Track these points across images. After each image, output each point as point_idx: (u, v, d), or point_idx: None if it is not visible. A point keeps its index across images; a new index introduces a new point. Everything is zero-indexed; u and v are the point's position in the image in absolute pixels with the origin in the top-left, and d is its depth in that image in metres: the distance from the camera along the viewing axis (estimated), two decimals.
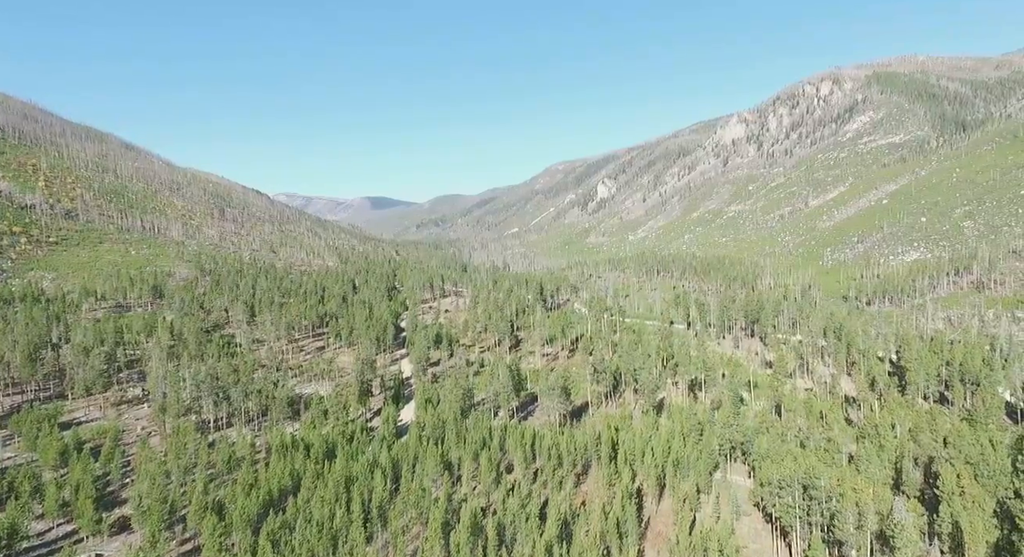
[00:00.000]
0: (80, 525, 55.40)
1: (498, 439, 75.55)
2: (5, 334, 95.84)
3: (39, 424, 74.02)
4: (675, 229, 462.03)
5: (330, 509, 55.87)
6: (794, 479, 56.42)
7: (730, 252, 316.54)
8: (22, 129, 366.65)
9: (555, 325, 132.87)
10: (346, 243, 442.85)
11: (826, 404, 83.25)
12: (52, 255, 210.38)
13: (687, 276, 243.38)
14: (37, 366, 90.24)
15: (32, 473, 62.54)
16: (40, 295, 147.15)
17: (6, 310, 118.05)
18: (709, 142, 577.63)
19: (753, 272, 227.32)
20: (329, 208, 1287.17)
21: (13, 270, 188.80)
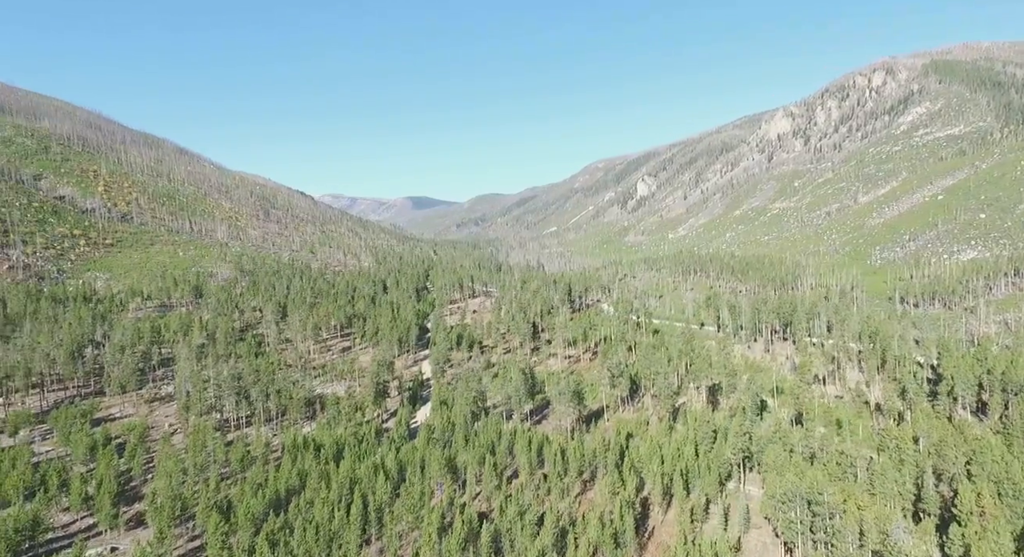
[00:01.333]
0: (99, 519, 58.56)
1: (506, 443, 75.53)
2: (52, 333, 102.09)
3: (74, 420, 78.71)
4: (716, 227, 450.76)
5: (330, 511, 57.18)
6: (796, 493, 54.09)
7: (772, 251, 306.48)
8: (86, 137, 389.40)
9: (577, 327, 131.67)
10: (385, 243, 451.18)
11: (851, 413, 79.43)
12: (107, 256, 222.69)
13: (724, 276, 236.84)
14: (78, 364, 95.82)
15: (62, 467, 66.58)
16: (91, 295, 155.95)
17: (58, 309, 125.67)
18: (753, 137, 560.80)
19: (794, 272, 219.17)
20: (373, 208, 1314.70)
21: (72, 271, 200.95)
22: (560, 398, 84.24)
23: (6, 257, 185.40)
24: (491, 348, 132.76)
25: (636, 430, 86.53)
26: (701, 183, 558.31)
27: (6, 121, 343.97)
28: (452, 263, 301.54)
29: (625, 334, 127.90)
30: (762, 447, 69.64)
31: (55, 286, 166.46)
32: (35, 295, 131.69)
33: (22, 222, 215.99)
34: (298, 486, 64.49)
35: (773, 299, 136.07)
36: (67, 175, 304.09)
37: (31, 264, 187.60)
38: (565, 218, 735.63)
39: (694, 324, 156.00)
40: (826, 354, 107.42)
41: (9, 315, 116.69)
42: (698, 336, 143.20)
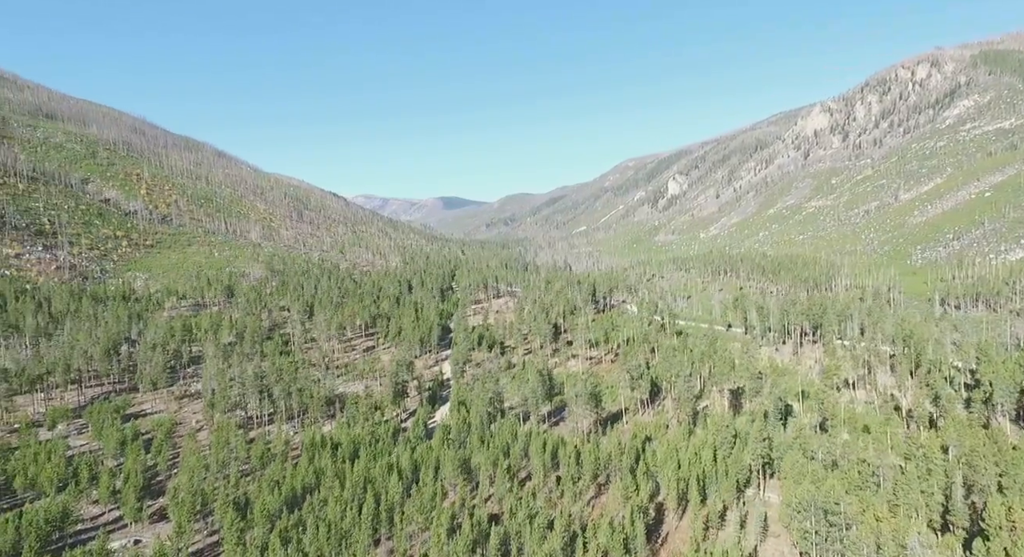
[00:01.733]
0: (124, 512, 60.85)
1: (521, 445, 75.42)
2: (90, 331, 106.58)
3: (107, 415, 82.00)
4: (749, 226, 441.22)
5: (342, 510, 58.09)
6: (812, 502, 52.35)
7: (806, 251, 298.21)
8: (131, 142, 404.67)
9: (599, 328, 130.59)
10: (414, 243, 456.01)
11: (879, 419, 76.57)
12: (147, 257, 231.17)
13: (755, 277, 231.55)
14: (113, 361, 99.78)
15: (94, 461, 69.46)
16: (130, 294, 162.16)
17: (98, 308, 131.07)
18: (788, 134, 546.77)
19: (828, 272, 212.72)
20: (404, 209, 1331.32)
21: (114, 271, 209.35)
22: (576, 400, 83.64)
23: (54, 258, 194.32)
24: (512, 349, 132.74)
25: (655, 433, 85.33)
26: (734, 181, 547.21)
27: (58, 128, 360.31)
28: (478, 263, 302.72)
29: (648, 335, 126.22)
30: (782, 453, 67.75)
31: (97, 286, 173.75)
32: (77, 294, 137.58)
33: (70, 224, 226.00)
34: (314, 484, 65.74)
35: (803, 300, 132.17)
36: (112, 179, 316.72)
37: (76, 264, 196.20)
38: (595, 217, 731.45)
39: (721, 326, 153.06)
40: (856, 357, 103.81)
41: (53, 313, 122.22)
42: (725, 338, 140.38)
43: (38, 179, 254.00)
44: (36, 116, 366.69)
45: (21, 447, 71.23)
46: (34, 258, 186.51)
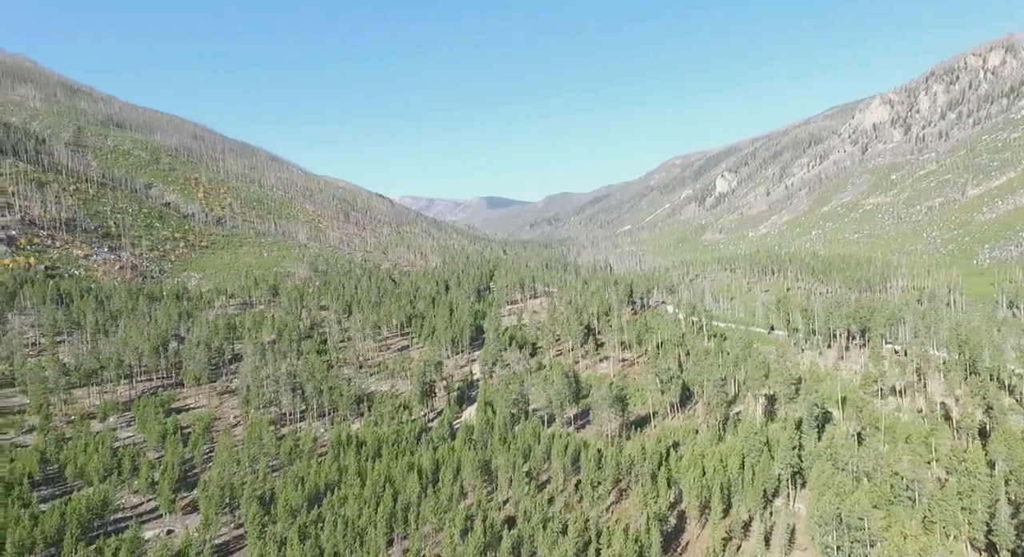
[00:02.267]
0: (159, 503, 64.14)
1: (543, 448, 75.07)
2: (142, 328, 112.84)
3: (153, 409, 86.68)
4: (801, 225, 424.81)
5: (360, 508, 59.34)
6: (833, 516, 49.72)
7: (861, 250, 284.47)
8: (191, 148, 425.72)
9: (632, 329, 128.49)
10: (456, 243, 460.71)
11: (923, 429, 71.96)
12: (202, 257, 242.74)
13: (803, 277, 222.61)
14: (161, 357, 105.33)
15: (136, 452, 73.55)
16: (183, 293, 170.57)
17: (152, 307, 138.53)
18: (845, 128, 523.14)
19: (883, 273, 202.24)
20: (449, 209, 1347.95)
21: (171, 270, 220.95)
22: (601, 403, 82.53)
23: (118, 258, 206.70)
24: (544, 350, 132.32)
25: (683, 439, 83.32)
26: (786, 178, 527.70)
27: (126, 136, 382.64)
28: (517, 263, 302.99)
29: (683, 338, 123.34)
30: (810, 463, 64.78)
31: (154, 285, 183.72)
32: (135, 293, 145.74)
33: (133, 226, 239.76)
34: (336, 481, 67.40)
35: (850, 302, 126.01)
36: (173, 183, 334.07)
37: (137, 264, 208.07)
38: (640, 216, 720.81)
39: (762, 328, 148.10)
40: (903, 363, 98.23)
41: (112, 311, 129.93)
42: (766, 341, 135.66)
43: (106, 184, 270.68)
44: (107, 125, 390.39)
45: (74, 438, 76.17)
46: (100, 259, 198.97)
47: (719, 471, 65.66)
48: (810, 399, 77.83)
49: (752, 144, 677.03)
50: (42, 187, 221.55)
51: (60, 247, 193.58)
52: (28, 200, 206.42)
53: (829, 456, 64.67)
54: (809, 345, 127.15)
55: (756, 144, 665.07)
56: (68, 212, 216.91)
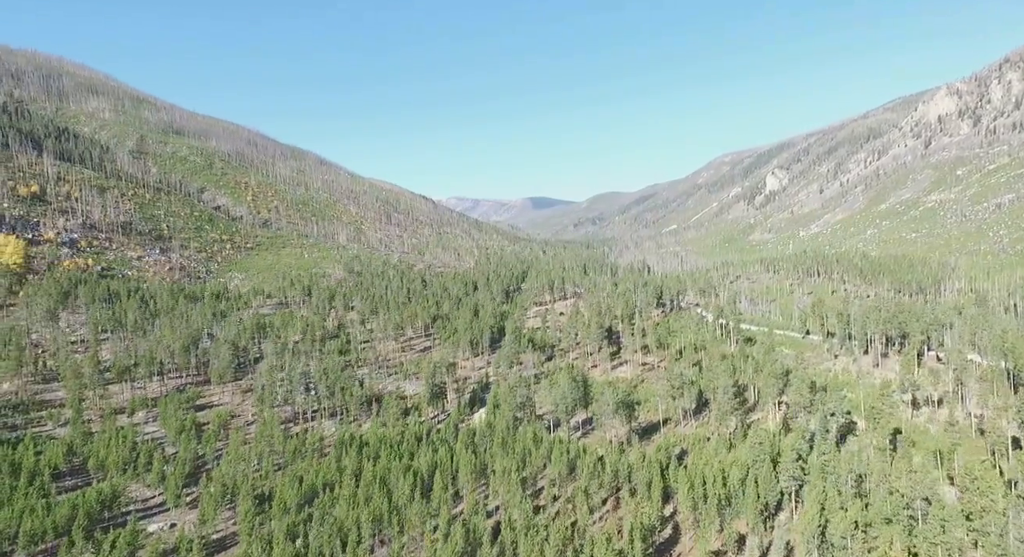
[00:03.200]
0: (166, 497, 67.14)
1: (543, 453, 74.22)
2: (175, 328, 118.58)
3: (177, 405, 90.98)
4: (856, 223, 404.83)
5: (349, 508, 60.25)
6: (814, 534, 46.68)
7: (918, 250, 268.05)
8: (243, 153, 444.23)
9: (654, 333, 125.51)
10: (496, 244, 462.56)
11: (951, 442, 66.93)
12: (246, 258, 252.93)
13: (851, 279, 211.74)
14: (191, 355, 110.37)
15: (155, 447, 77.32)
16: (223, 293, 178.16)
17: (189, 306, 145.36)
18: (906, 121, 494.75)
19: (937, 274, 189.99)
20: (494, 209, 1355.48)
21: (217, 271, 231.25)
22: (605, 408, 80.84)
23: (168, 259, 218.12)
24: (564, 352, 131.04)
25: (692, 447, 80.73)
26: (840, 175, 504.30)
27: (183, 142, 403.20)
28: (550, 264, 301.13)
29: (705, 341, 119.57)
30: (809, 477, 61.23)
31: (198, 285, 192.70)
32: (176, 293, 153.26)
33: (184, 229, 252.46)
34: (335, 481, 68.67)
35: (889, 306, 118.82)
36: (224, 187, 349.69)
37: (185, 265, 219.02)
38: (686, 216, 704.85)
39: (797, 332, 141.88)
40: (934, 372, 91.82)
41: (153, 311, 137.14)
42: (799, 346, 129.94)
43: (162, 189, 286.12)
44: (167, 133, 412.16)
45: (99, 432, 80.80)
46: (152, 260, 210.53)
47: (718, 482, 63.10)
48: (824, 409, 73.81)
49: (806, 140, 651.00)
50: (103, 192, 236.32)
51: (116, 249, 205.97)
52: (90, 205, 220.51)
53: (830, 470, 60.96)
54: (844, 350, 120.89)
55: (810, 140, 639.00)
56: (125, 216, 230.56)
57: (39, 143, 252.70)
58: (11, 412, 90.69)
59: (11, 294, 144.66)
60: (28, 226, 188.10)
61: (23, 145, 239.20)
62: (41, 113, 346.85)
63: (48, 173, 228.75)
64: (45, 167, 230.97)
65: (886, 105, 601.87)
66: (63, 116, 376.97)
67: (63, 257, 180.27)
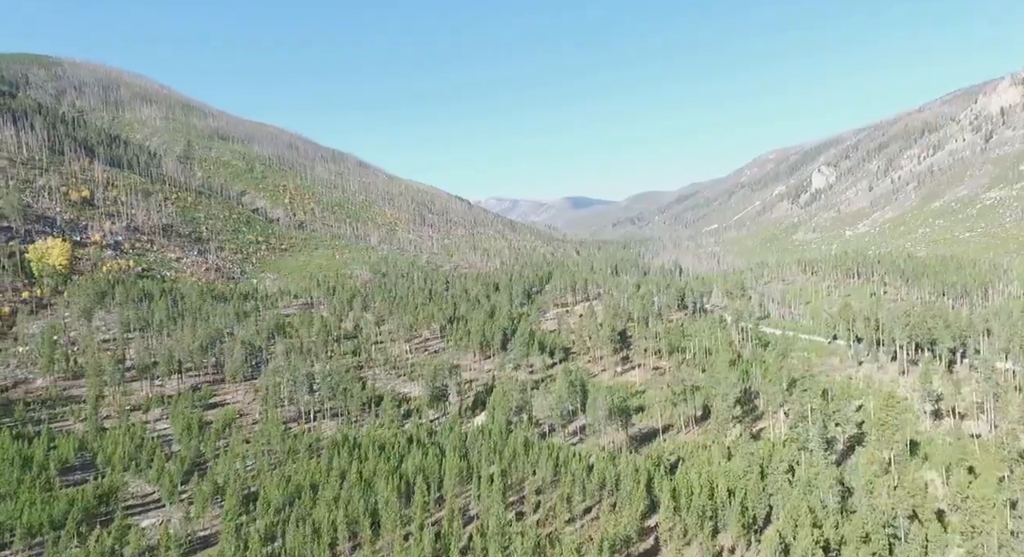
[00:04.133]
0: (162, 494, 69.50)
1: (533, 458, 73.23)
2: (196, 327, 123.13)
3: (189, 403, 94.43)
4: (906, 222, 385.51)
5: (327, 511, 60.93)
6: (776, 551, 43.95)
7: (971, 250, 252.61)
8: (284, 156, 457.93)
9: (669, 336, 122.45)
10: (529, 244, 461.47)
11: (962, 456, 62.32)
12: (280, 259, 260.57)
13: (892, 281, 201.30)
14: (209, 354, 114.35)
15: (160, 444, 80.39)
16: (252, 293, 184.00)
17: (215, 306, 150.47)
18: (965, 114, 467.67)
19: (987, 277, 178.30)
20: (533, 209, 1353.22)
21: (252, 272, 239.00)
22: (598, 414, 79.13)
23: (205, 260, 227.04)
24: (576, 356, 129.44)
25: (690, 455, 78.21)
26: (892, 171, 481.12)
27: (227, 147, 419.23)
28: (580, 265, 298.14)
29: (722, 346, 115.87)
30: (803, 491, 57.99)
31: (232, 285, 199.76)
32: (204, 293, 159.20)
33: (223, 231, 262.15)
34: (323, 482, 69.52)
35: (916, 311, 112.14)
36: (263, 190, 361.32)
37: (221, 266, 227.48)
38: (727, 215, 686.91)
39: (821, 337, 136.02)
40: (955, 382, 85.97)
41: (180, 311, 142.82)
42: (822, 351, 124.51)
43: (203, 193, 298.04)
44: (213, 138, 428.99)
45: (111, 428, 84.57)
46: (189, 261, 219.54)
47: (704, 493, 60.72)
48: (824, 418, 70.10)
49: (855, 135, 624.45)
50: (147, 197, 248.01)
51: (157, 251, 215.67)
52: (134, 208, 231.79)
53: (817, 483, 57.63)
54: (869, 357, 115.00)
55: (860, 135, 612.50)
56: (167, 219, 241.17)
57: (92, 150, 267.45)
58: (39, 407, 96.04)
59: (56, 294, 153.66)
60: (77, 229, 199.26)
61: (77, 152, 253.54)
62: (97, 122, 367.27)
63: (98, 178, 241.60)
64: (96, 173, 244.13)
65: (943, 97, 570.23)
66: (118, 124, 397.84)
67: (107, 258, 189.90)
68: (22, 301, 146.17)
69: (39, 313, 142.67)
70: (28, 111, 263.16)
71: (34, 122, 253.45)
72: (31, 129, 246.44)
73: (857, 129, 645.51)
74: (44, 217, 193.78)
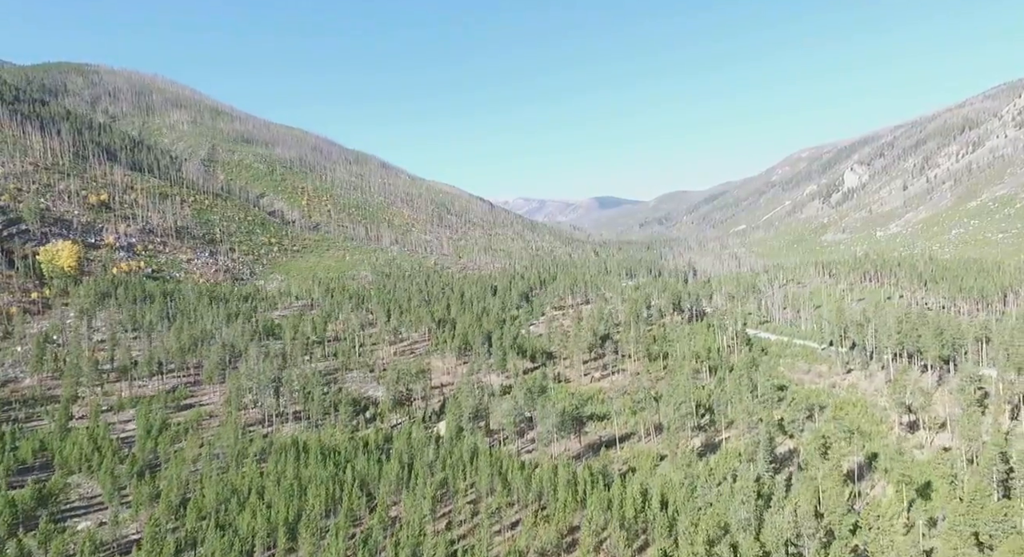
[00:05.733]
0: (104, 496, 70.44)
1: (476, 467, 71.64)
2: (181, 328, 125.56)
3: (160, 404, 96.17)
4: (940, 223, 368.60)
5: (251, 517, 60.64)
6: None
7: (1002, 252, 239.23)
8: (305, 159, 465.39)
9: (646, 340, 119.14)
10: (547, 245, 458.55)
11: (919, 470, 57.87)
12: (291, 261, 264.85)
13: (907, 284, 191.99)
14: (190, 356, 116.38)
15: (119, 445, 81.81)
16: (254, 294, 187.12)
17: (208, 307, 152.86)
18: (1008, 109, 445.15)
19: (1010, 281, 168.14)
20: (560, 209, 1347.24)
21: (261, 273, 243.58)
22: (547, 422, 76.90)
23: (215, 262, 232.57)
24: (559, 360, 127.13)
25: (643, 465, 75.42)
26: (928, 170, 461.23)
27: (250, 150, 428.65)
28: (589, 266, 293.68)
29: (701, 351, 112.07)
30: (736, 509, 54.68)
31: (236, 286, 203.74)
32: (203, 295, 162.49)
33: (236, 233, 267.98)
34: (261, 487, 69.37)
35: (912, 317, 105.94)
36: (282, 192, 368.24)
37: (230, 268, 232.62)
38: (757, 215, 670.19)
39: (816, 343, 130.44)
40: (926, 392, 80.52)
41: (173, 312, 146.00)
42: (814, 358, 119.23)
43: (220, 195, 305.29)
44: (237, 142, 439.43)
45: (76, 429, 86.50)
46: (200, 262, 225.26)
47: (635, 504, 58.08)
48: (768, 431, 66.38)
49: (892, 133, 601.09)
50: (164, 199, 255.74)
51: (169, 252, 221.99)
52: (150, 211, 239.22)
53: (728, 498, 54.18)
54: (859, 365, 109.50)
55: (896, 133, 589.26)
56: (182, 221, 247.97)
57: (114, 155, 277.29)
58: (20, 406, 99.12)
59: (64, 295, 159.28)
60: (92, 231, 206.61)
61: (99, 157, 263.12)
62: (127, 127, 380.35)
63: (119, 182, 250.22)
64: (116, 177, 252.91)
65: (986, 92, 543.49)
66: (147, 129, 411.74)
67: (118, 260, 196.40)
68: (31, 302, 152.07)
69: (44, 313, 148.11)
70: (56, 118, 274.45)
71: (61, 128, 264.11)
72: (57, 135, 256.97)
73: (895, 126, 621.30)
74: (61, 220, 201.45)
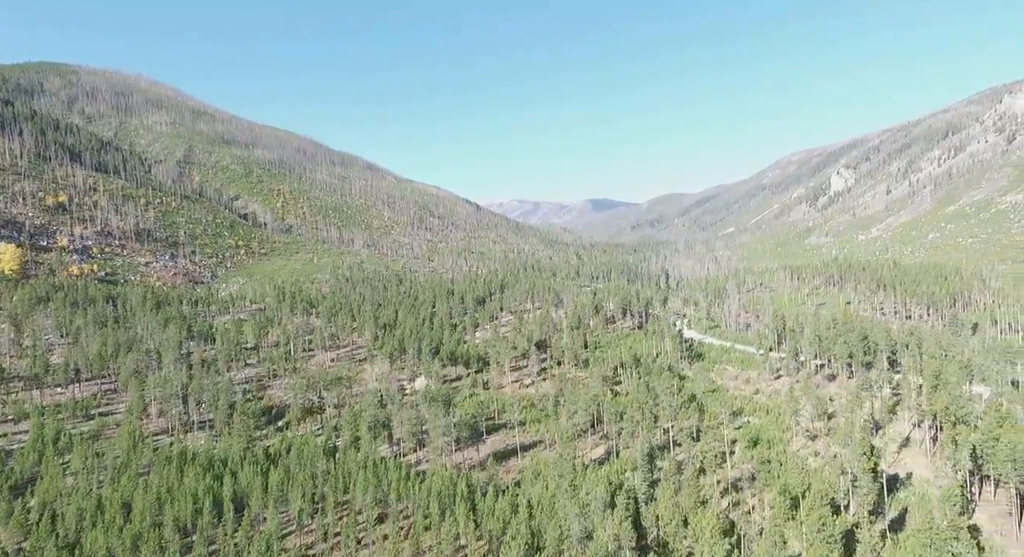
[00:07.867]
0: None
1: (364, 479, 69.25)
2: (108, 333, 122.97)
3: (64, 413, 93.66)
4: (919, 227, 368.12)
5: (104, 532, 58.26)
6: None
7: (967, 258, 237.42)
8: (285, 160, 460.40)
9: (576, 345, 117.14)
10: (529, 248, 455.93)
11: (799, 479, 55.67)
12: (257, 264, 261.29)
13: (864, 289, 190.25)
14: (110, 362, 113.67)
15: (5, 458, 79.37)
16: (207, 298, 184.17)
17: (145, 312, 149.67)
18: (989, 115, 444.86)
19: (963, 287, 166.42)
20: (554, 212, 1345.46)
21: (223, 276, 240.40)
22: (436, 429, 74.50)
23: (176, 265, 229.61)
24: (494, 366, 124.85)
25: (544, 472, 73.17)
26: (911, 174, 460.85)
27: (228, 151, 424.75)
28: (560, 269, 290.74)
29: (630, 358, 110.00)
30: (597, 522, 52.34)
31: (186, 290, 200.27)
32: (150, 299, 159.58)
33: (201, 236, 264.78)
34: (128, 502, 66.77)
35: (839, 321, 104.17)
36: (257, 194, 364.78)
37: (191, 271, 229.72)
38: (745, 218, 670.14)
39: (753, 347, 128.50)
40: (821, 399, 78.50)
41: (114, 316, 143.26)
42: (749, 364, 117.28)
43: (190, 197, 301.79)
44: (216, 143, 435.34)
45: None
46: (160, 265, 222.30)
47: (501, 518, 55.75)
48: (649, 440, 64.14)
49: (879, 137, 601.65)
50: (127, 201, 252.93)
51: (127, 255, 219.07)
52: (110, 213, 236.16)
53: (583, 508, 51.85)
54: (790, 370, 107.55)
55: (883, 137, 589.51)
56: (144, 223, 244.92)
57: (78, 155, 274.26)
58: None
59: (7, 301, 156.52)
60: (45, 234, 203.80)
61: (61, 158, 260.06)
62: (98, 129, 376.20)
63: (80, 184, 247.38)
64: (78, 178, 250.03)
65: (971, 98, 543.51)
66: (124, 130, 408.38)
67: (70, 263, 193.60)
68: None
69: None
70: (20, 118, 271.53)
71: (23, 129, 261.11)
72: (19, 136, 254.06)
73: (882, 130, 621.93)
74: (12, 222, 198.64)
